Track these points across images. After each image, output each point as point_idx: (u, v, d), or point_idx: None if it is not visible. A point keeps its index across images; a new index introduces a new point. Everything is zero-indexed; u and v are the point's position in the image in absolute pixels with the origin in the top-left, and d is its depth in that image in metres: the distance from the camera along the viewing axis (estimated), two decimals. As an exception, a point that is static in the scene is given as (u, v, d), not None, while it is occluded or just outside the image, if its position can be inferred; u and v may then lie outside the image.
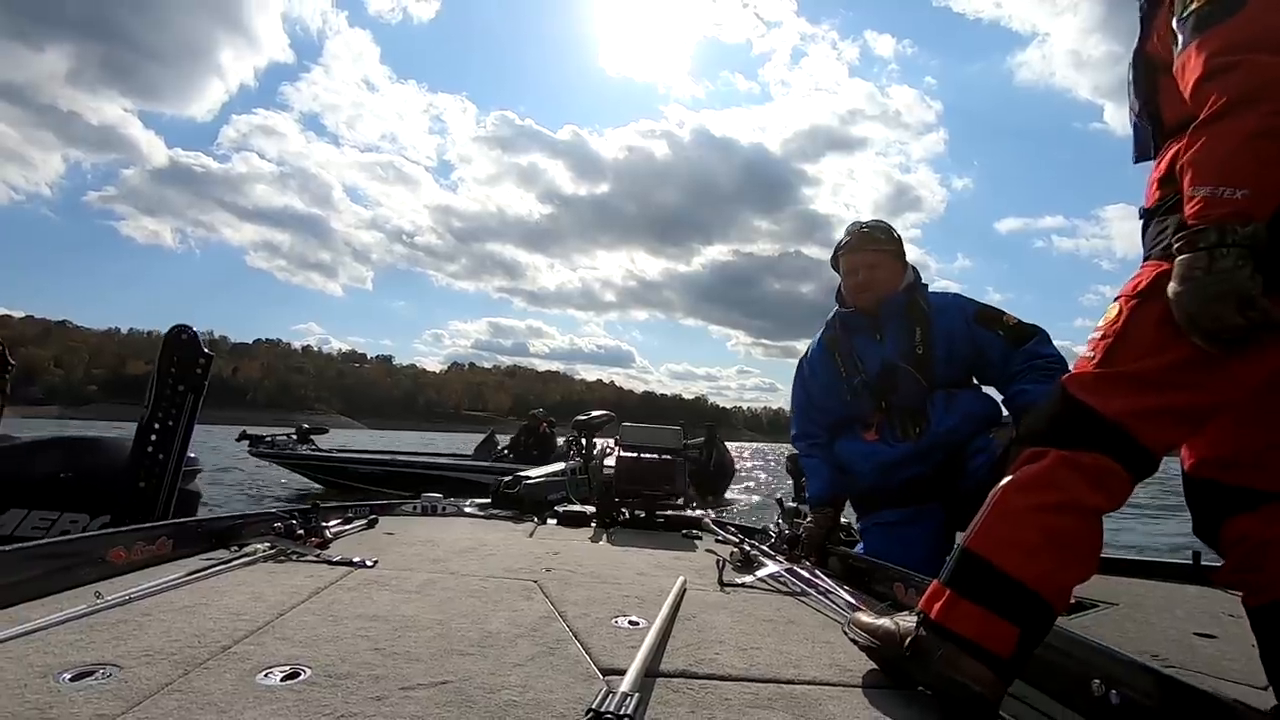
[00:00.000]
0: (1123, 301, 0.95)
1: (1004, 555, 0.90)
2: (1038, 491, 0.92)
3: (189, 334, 2.30)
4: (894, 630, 0.99)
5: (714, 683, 0.98)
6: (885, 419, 2.01)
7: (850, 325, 2.09)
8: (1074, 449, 0.92)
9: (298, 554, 1.68)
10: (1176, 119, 0.97)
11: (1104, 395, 0.92)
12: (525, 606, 1.34)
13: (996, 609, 0.89)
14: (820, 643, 1.21)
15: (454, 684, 0.91)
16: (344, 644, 1.04)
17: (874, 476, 2.03)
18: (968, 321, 1.97)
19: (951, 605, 0.92)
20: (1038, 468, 0.93)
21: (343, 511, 2.31)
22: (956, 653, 0.89)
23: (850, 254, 2.09)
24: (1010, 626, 0.89)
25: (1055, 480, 0.92)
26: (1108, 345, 0.95)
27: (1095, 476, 0.91)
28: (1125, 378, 0.92)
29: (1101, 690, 0.91)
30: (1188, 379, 0.90)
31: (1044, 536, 0.91)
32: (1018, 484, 0.94)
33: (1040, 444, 0.95)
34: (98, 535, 1.52)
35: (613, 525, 2.61)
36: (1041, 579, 0.90)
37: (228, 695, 0.83)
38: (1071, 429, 0.93)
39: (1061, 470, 0.92)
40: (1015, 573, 0.89)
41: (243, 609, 1.20)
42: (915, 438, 1.95)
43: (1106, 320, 0.97)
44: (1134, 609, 1.64)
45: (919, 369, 1.96)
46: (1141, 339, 0.92)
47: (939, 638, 0.91)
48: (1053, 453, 0.93)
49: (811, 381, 2.19)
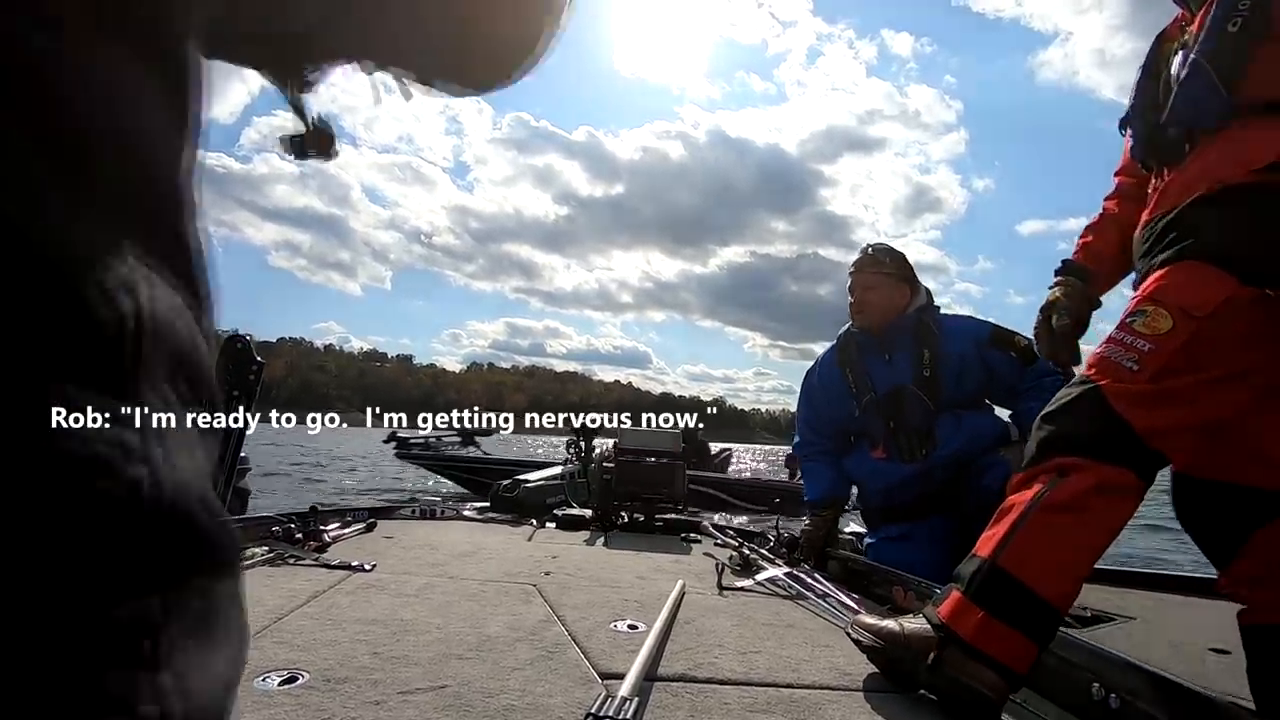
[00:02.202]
0: (1176, 314, 0.90)
1: (1039, 578, 0.89)
2: (1075, 513, 0.89)
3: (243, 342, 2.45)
4: (899, 632, 0.98)
5: (713, 687, 0.98)
6: (892, 438, 2.03)
7: (863, 344, 2.12)
8: (1108, 463, 0.90)
9: (296, 557, 1.67)
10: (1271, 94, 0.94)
11: (1149, 413, 0.90)
12: (524, 610, 1.34)
13: (1027, 631, 0.88)
14: (820, 646, 1.20)
15: (452, 688, 0.91)
16: (342, 648, 1.04)
17: (881, 494, 2.07)
18: (979, 345, 1.99)
19: (984, 626, 0.89)
20: (1075, 486, 0.90)
21: (341, 515, 2.30)
22: (980, 668, 0.88)
23: (853, 274, 2.14)
24: (1034, 645, 0.89)
25: (1092, 502, 0.89)
26: (1161, 363, 0.90)
27: (1126, 495, 0.90)
28: (1173, 396, 0.90)
29: (1101, 694, 0.91)
30: (1220, 398, 0.89)
31: (1077, 558, 0.90)
32: (1055, 502, 0.90)
33: (1073, 453, 0.92)
34: None
35: (611, 529, 2.60)
36: (1065, 599, 0.90)
37: (225, 700, 0.83)
38: (1109, 443, 0.90)
39: (1098, 490, 0.89)
40: (1046, 594, 0.88)
41: (240, 613, 1.19)
42: (922, 458, 1.97)
43: (1154, 330, 0.92)
44: (1150, 624, 1.64)
45: (926, 391, 1.97)
46: (1199, 359, 0.89)
47: (965, 655, 0.89)
48: (1086, 466, 0.90)
49: (819, 393, 2.21)
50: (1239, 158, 0.93)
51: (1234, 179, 0.93)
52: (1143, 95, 1.14)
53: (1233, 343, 0.90)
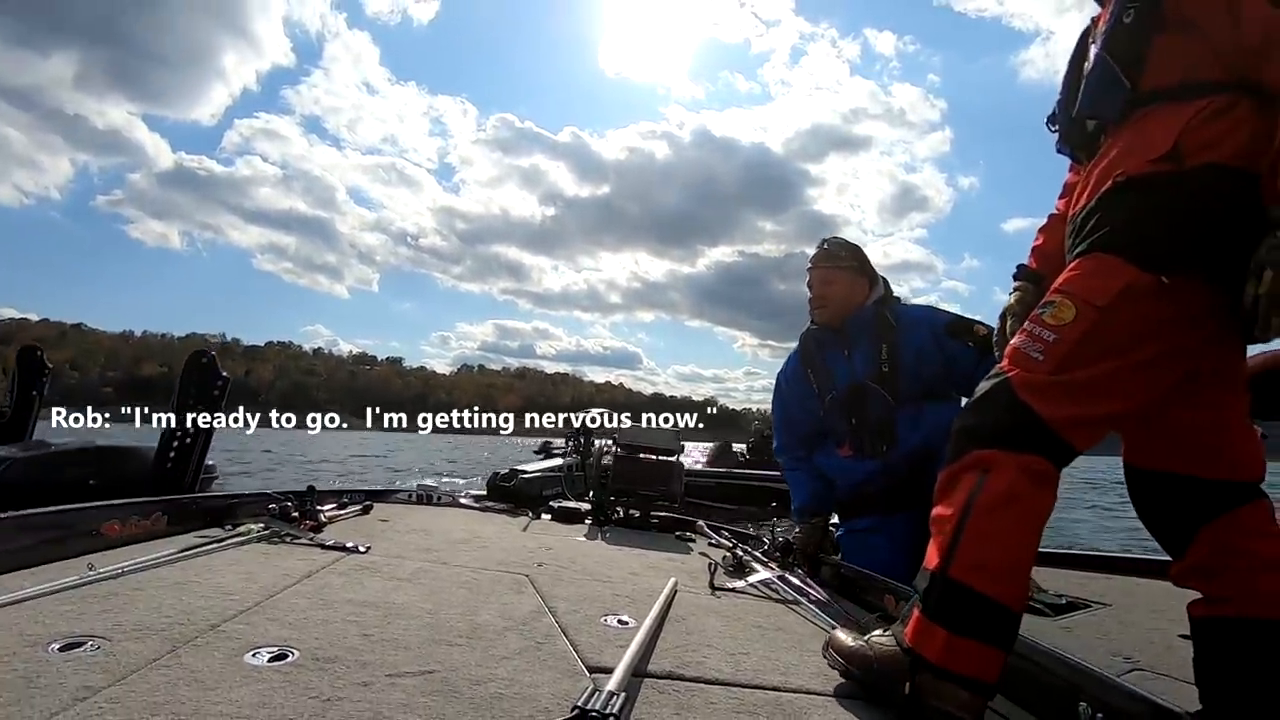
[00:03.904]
0: (1079, 304, 0.93)
1: (990, 582, 0.89)
2: (1007, 509, 0.90)
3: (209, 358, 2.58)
4: (869, 655, 0.98)
5: (701, 686, 0.98)
6: (855, 434, 2.02)
7: (821, 341, 2.11)
8: (1022, 453, 0.91)
9: (291, 536, 1.68)
10: (1168, 82, 0.96)
11: (1054, 403, 0.92)
12: (516, 600, 1.34)
13: (989, 639, 0.89)
14: (808, 651, 1.20)
15: (441, 673, 0.91)
16: (333, 628, 1.04)
17: (848, 490, 2.07)
18: (936, 335, 1.97)
19: (949, 646, 0.89)
20: (1000, 482, 0.91)
21: (338, 496, 2.31)
22: (953, 689, 0.88)
23: (810, 270, 2.12)
24: (999, 653, 0.89)
25: (1020, 493, 0.90)
26: (1063, 352, 0.93)
27: (1046, 482, 0.92)
28: (1077, 386, 0.92)
29: (1089, 713, 0.90)
30: (1126, 387, 0.92)
31: (1021, 554, 0.91)
32: (988, 504, 0.91)
33: (989, 445, 0.93)
34: (92, 507, 1.52)
35: (607, 523, 2.60)
36: (1019, 598, 0.90)
37: (215, 673, 0.84)
38: (1019, 434, 0.92)
39: (1022, 481, 0.91)
40: (1001, 598, 0.89)
41: (233, 588, 1.20)
42: (884, 454, 1.97)
43: (1059, 321, 0.94)
44: (1122, 609, 1.65)
45: (885, 386, 1.96)
46: (1101, 348, 0.91)
47: (935, 677, 0.89)
48: (1004, 459, 0.91)
49: (789, 396, 2.20)
50: (1138, 149, 0.96)
51: (1135, 170, 0.95)
52: (1066, 90, 1.16)
53: (1135, 331, 0.91)
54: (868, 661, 0.98)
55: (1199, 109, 0.92)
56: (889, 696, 0.97)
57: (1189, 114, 0.92)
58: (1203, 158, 0.91)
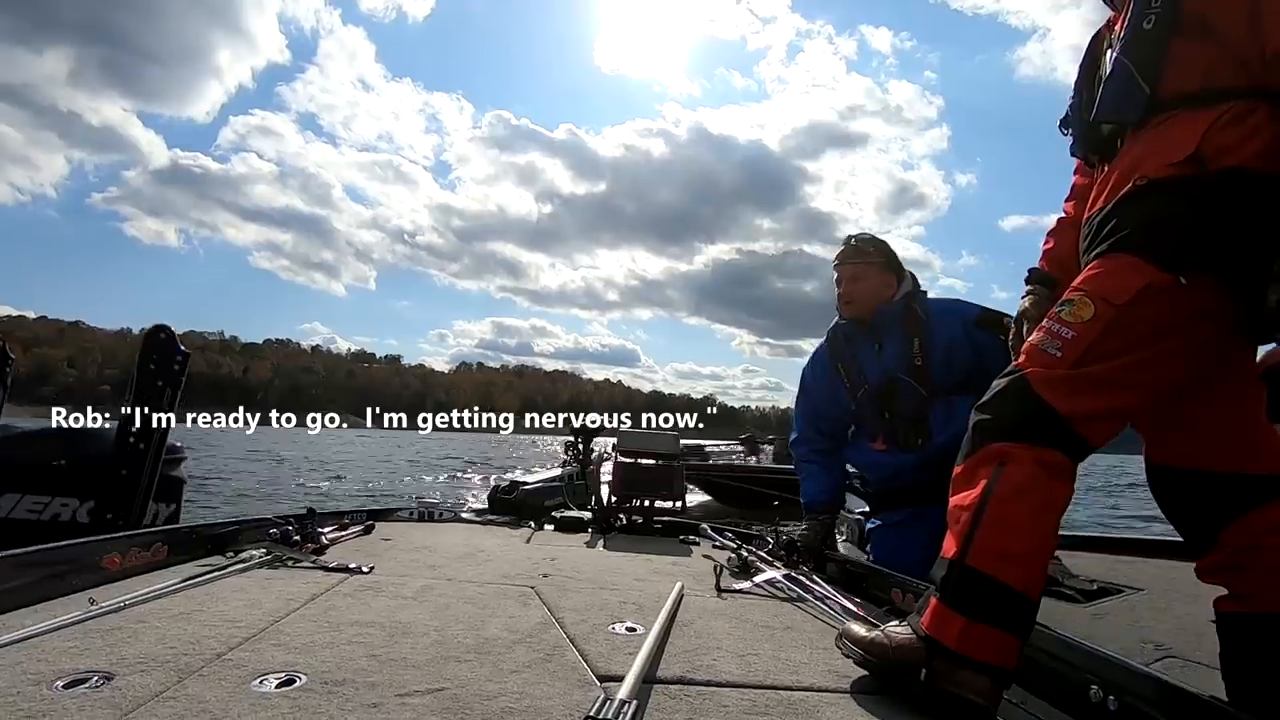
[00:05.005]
0: (1098, 302, 0.95)
1: (1009, 571, 0.90)
2: (1027, 498, 0.92)
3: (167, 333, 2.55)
4: (886, 644, 0.98)
5: (712, 689, 0.98)
6: (889, 428, 2.02)
7: (851, 336, 2.11)
8: (1038, 446, 0.93)
9: (294, 560, 1.67)
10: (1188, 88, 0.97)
11: (1071, 398, 0.94)
12: (522, 613, 1.33)
13: (1007, 626, 0.89)
14: (818, 649, 1.20)
15: (450, 690, 0.90)
16: (340, 651, 1.04)
17: (883, 484, 2.08)
18: (967, 327, 1.98)
19: (966, 632, 0.89)
20: (1020, 474, 0.93)
21: (339, 517, 2.30)
22: (970, 675, 0.88)
23: (838, 266, 2.13)
24: (1017, 640, 0.90)
25: (1038, 484, 0.92)
26: (1081, 349, 0.95)
27: (1063, 475, 0.94)
28: (1093, 382, 0.94)
29: (1099, 696, 0.91)
30: (1141, 383, 0.94)
31: (1039, 543, 0.92)
32: (1006, 494, 0.93)
33: (1005, 439, 0.95)
34: (92, 542, 1.51)
35: (610, 531, 2.60)
36: (1035, 585, 0.91)
37: (222, 703, 0.83)
38: (1036, 428, 0.94)
39: (1039, 473, 0.93)
40: (1019, 586, 0.89)
41: (238, 616, 1.19)
42: (919, 447, 1.97)
43: (1077, 318, 0.96)
44: (1156, 595, 1.62)
45: (918, 379, 1.97)
46: (1118, 346, 0.93)
47: (953, 663, 0.89)
48: (1020, 452, 0.93)
49: (816, 390, 2.20)
50: (1160, 152, 0.97)
51: (1156, 173, 0.97)
52: (1080, 94, 1.18)
53: (1153, 329, 0.93)
54: (884, 649, 0.98)
55: (1220, 114, 0.94)
56: (904, 687, 0.97)
57: (1210, 119, 0.94)
58: (1225, 162, 0.92)
